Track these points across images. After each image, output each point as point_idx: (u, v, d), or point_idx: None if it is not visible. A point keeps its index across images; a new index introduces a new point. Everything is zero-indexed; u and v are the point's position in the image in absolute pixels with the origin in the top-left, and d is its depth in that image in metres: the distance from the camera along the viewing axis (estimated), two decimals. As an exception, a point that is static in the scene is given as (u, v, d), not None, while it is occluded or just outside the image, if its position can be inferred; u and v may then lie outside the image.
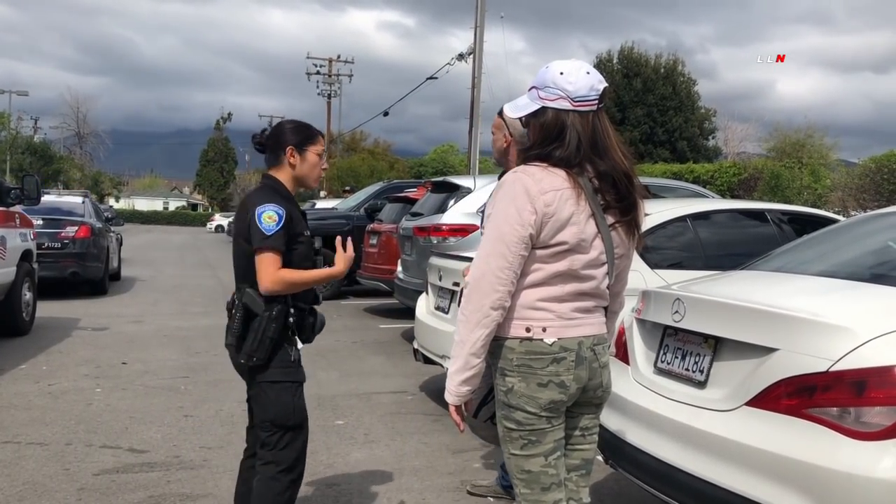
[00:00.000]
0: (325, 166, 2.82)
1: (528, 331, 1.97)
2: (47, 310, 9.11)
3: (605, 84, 2.03)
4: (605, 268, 2.03)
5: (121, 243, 14.61)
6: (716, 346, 2.54)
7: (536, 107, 2.02)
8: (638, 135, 34.17)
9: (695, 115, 36.35)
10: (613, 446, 2.87)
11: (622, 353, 3.05)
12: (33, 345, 7.27)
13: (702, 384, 2.55)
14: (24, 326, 7.81)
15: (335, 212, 12.90)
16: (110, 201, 66.97)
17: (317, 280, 2.75)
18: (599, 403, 2.13)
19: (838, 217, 5.56)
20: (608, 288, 2.08)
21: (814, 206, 13.10)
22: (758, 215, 5.02)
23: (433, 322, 5.16)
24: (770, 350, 2.30)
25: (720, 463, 2.33)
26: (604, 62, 36.15)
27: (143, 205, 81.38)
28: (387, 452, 4.33)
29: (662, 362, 2.79)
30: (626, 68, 35.94)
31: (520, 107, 2.06)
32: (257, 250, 2.55)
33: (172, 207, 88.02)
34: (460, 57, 23.71)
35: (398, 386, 5.97)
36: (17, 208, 7.73)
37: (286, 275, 2.58)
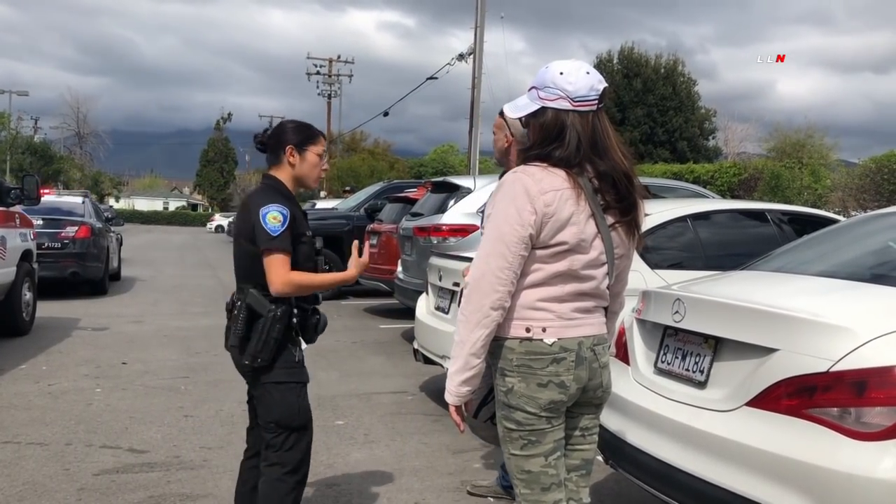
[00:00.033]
0: (326, 167, 2.80)
1: (528, 331, 1.97)
2: (47, 310, 9.11)
3: (605, 84, 2.02)
4: (605, 268, 2.03)
5: (121, 243, 14.61)
6: (716, 346, 2.54)
7: (536, 107, 2.01)
8: (638, 135, 34.16)
9: (695, 115, 36.35)
10: (613, 446, 2.86)
11: (622, 354, 3.05)
12: (33, 345, 7.27)
13: (702, 384, 2.55)
14: (24, 326, 7.81)
15: (335, 212, 12.90)
16: (110, 201, 66.97)
17: (329, 284, 2.74)
18: (599, 404, 2.13)
19: (838, 217, 5.56)
20: (608, 288, 2.08)
21: (814, 206, 13.11)
22: (758, 215, 5.02)
23: (433, 322, 5.16)
24: (770, 350, 2.29)
25: (720, 463, 2.33)
26: (604, 62, 36.15)
27: (143, 205, 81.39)
28: (387, 453, 4.32)
29: (663, 362, 2.79)
30: (626, 68, 35.94)
31: (520, 107, 2.06)
32: (265, 252, 2.53)
33: (172, 207, 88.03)
34: (460, 57, 23.71)
35: (398, 386, 5.97)
36: (17, 208, 7.73)
37: (298, 277, 2.56)
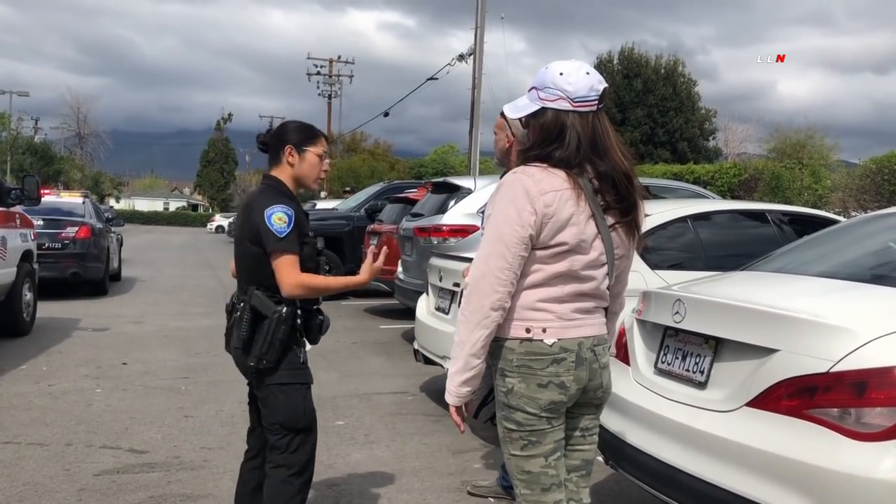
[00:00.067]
0: (327, 168, 2.77)
1: (528, 331, 1.97)
2: (48, 310, 9.11)
3: (605, 84, 2.02)
4: (605, 268, 2.03)
5: (121, 244, 14.62)
6: (716, 346, 2.54)
7: (536, 107, 2.01)
8: (638, 135, 34.16)
9: (695, 115, 36.35)
10: (614, 447, 2.86)
11: (623, 354, 3.05)
12: (34, 345, 7.27)
13: (702, 385, 2.55)
14: (25, 327, 7.81)
15: (336, 212, 12.91)
16: (111, 202, 67.00)
17: (340, 287, 2.73)
18: (599, 404, 2.13)
19: (839, 218, 5.56)
20: (608, 289, 2.07)
21: (814, 206, 13.10)
22: (758, 216, 5.02)
23: (433, 323, 5.16)
24: (771, 351, 2.29)
25: (721, 464, 2.33)
26: (604, 63, 36.15)
27: (143, 205, 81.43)
28: (387, 453, 4.32)
29: (663, 363, 2.79)
30: (626, 69, 35.94)
31: (519, 107, 2.06)
32: (273, 253, 2.52)
33: (173, 208, 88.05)
34: (461, 58, 23.71)
35: (398, 386, 5.97)
36: (18, 209, 7.73)
37: (309, 280, 2.55)
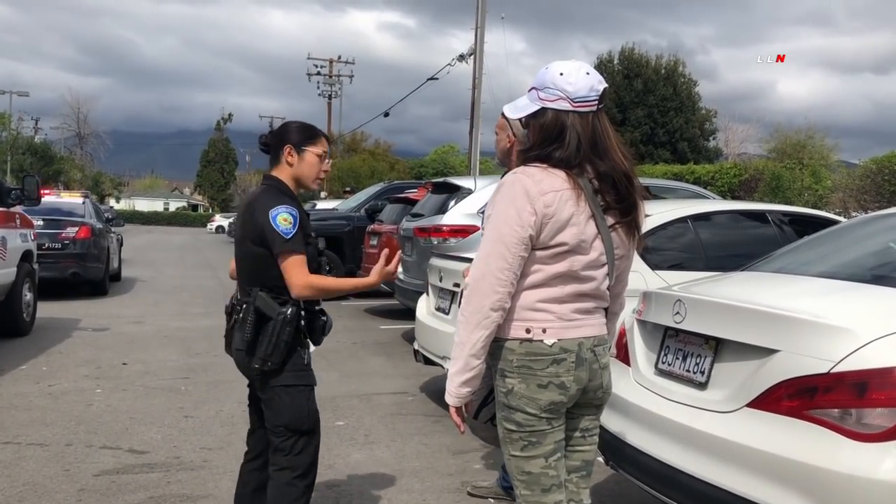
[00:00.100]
0: (327, 168, 2.74)
1: (528, 332, 1.97)
2: (48, 310, 9.11)
3: (605, 85, 2.02)
4: (605, 269, 2.03)
5: (121, 244, 14.62)
6: (717, 347, 2.54)
7: (536, 108, 2.01)
8: (638, 136, 34.16)
9: (695, 115, 36.35)
10: (614, 447, 2.86)
11: (623, 355, 3.04)
12: (34, 345, 7.27)
13: (703, 385, 2.55)
14: (25, 327, 7.81)
15: (336, 212, 12.91)
16: (111, 202, 67.02)
17: (349, 288, 2.72)
18: (600, 405, 2.13)
19: (839, 218, 5.56)
20: (608, 289, 2.07)
21: (815, 207, 13.10)
22: (759, 216, 5.01)
23: (434, 323, 5.16)
24: (771, 351, 2.29)
25: (721, 464, 2.33)
26: (604, 63, 36.15)
27: (143, 205, 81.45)
28: (387, 453, 4.32)
29: (663, 363, 2.79)
30: (626, 69, 35.94)
31: (519, 108, 2.06)
32: (281, 255, 2.50)
33: (173, 208, 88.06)
34: (461, 58, 23.71)
35: (398, 387, 5.96)
36: (18, 209, 7.73)
37: (318, 281, 2.55)
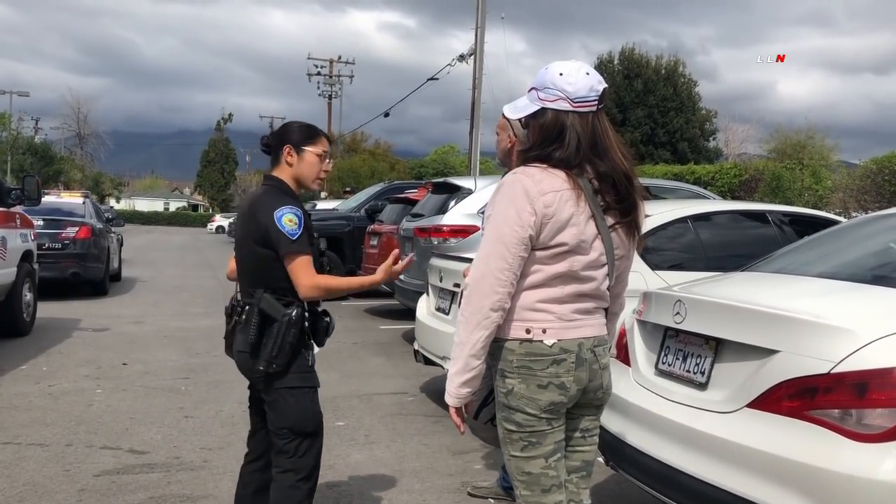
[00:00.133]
0: (328, 168, 2.70)
1: (527, 332, 1.97)
2: (48, 310, 9.11)
3: (605, 85, 2.02)
4: (605, 269, 2.02)
5: (121, 244, 14.62)
6: (717, 347, 2.54)
7: (536, 108, 2.01)
8: (639, 136, 34.17)
9: (696, 116, 36.35)
10: (614, 448, 2.86)
11: (623, 355, 3.04)
12: (34, 345, 7.27)
13: (703, 386, 2.54)
14: (25, 327, 7.81)
15: (336, 213, 12.91)
16: (111, 202, 67.03)
17: (355, 287, 2.71)
18: (600, 405, 2.13)
19: (839, 218, 5.56)
20: (608, 289, 2.07)
21: (815, 207, 13.10)
22: (759, 216, 5.01)
23: (434, 323, 5.16)
24: (771, 352, 2.29)
25: (721, 465, 2.33)
26: (605, 63, 36.16)
27: (143, 205, 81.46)
28: (387, 454, 4.32)
29: (663, 364, 2.79)
30: (626, 69, 35.94)
31: (519, 108, 2.06)
32: (288, 256, 2.48)
33: (173, 208, 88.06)
34: (461, 58, 23.70)
35: (399, 387, 5.96)
36: (18, 209, 7.73)
37: (326, 281, 2.54)
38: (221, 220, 48.72)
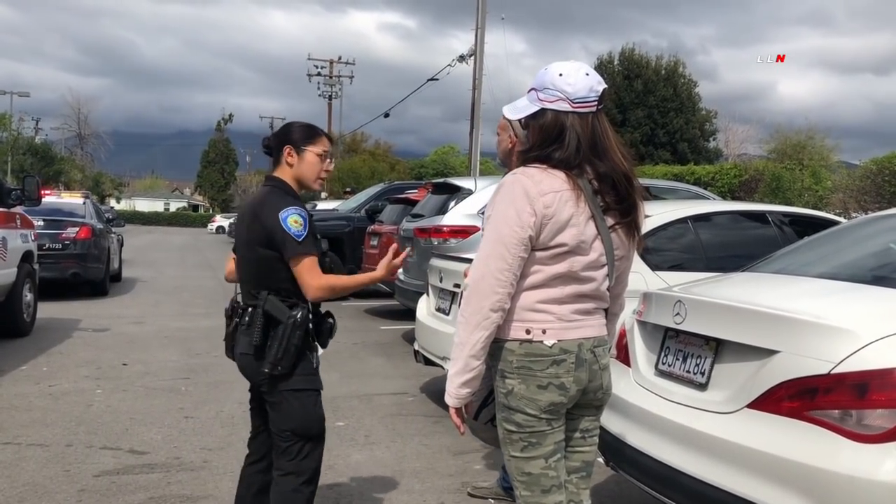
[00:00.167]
0: (329, 168, 2.69)
1: (527, 333, 1.97)
2: (48, 311, 9.11)
3: (605, 85, 2.02)
4: (605, 269, 2.02)
5: (122, 244, 14.62)
6: (717, 348, 2.54)
7: (535, 108, 2.01)
8: (639, 136, 34.17)
9: (695, 116, 36.36)
10: (614, 448, 2.86)
11: (623, 355, 3.04)
12: (34, 346, 7.27)
13: (703, 386, 2.54)
14: (25, 327, 7.81)
15: (336, 213, 12.91)
16: (111, 202, 67.06)
17: (359, 284, 2.71)
18: (600, 405, 2.13)
19: (839, 219, 5.56)
20: (608, 290, 2.07)
21: (815, 207, 13.10)
22: (759, 217, 5.01)
23: (434, 323, 5.16)
24: (771, 352, 2.29)
25: (721, 465, 2.33)
26: (605, 64, 36.17)
27: (143, 206, 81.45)
28: (387, 454, 4.32)
29: (663, 364, 2.79)
30: (626, 70, 35.95)
31: (519, 109, 2.06)
32: (295, 257, 2.47)
33: (173, 208, 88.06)
34: (461, 58, 23.70)
35: (399, 387, 5.96)
36: (18, 209, 7.74)
37: (333, 281, 2.54)
38: (222, 221, 48.74)
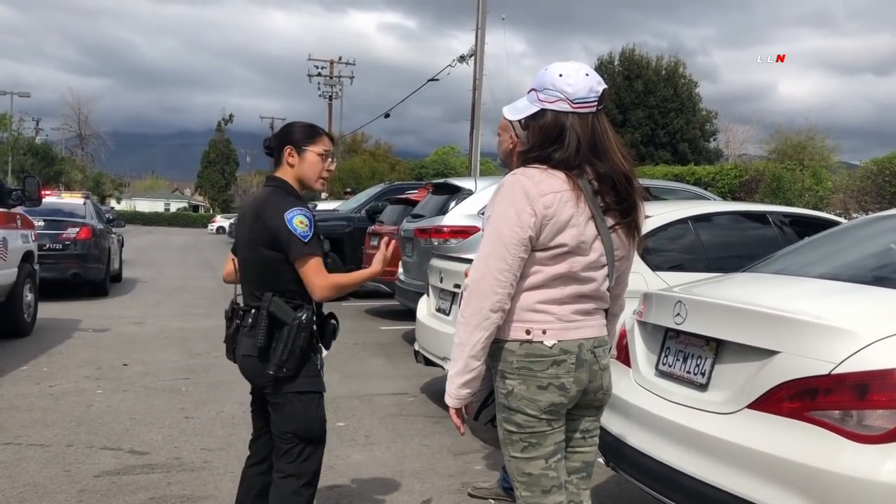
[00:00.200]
0: (331, 168, 2.67)
1: (527, 333, 1.97)
2: (48, 311, 9.11)
3: (605, 86, 2.02)
4: (605, 270, 2.02)
5: (122, 244, 14.62)
6: (717, 348, 2.54)
7: (535, 109, 2.01)
8: (639, 137, 34.17)
9: (696, 116, 36.36)
10: (615, 449, 2.86)
11: (623, 356, 3.04)
12: (34, 346, 7.27)
13: (703, 387, 2.54)
14: (26, 328, 7.82)
15: (336, 213, 12.91)
16: (112, 202, 67.08)
17: (362, 280, 2.73)
18: (600, 406, 2.13)
19: (840, 219, 5.56)
20: (608, 290, 2.07)
21: (815, 208, 13.10)
22: (759, 217, 5.01)
23: (434, 324, 5.16)
24: (772, 353, 2.29)
25: (722, 466, 2.33)
26: (605, 64, 36.17)
27: (144, 206, 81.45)
28: (388, 454, 4.32)
29: (664, 365, 2.79)
30: (627, 70, 35.96)
31: (519, 109, 2.06)
32: (301, 258, 2.46)
33: (174, 209, 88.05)
34: (461, 59, 23.69)
35: (399, 388, 5.96)
36: (19, 209, 7.74)
37: (337, 279, 2.54)
38: (222, 221, 48.75)
